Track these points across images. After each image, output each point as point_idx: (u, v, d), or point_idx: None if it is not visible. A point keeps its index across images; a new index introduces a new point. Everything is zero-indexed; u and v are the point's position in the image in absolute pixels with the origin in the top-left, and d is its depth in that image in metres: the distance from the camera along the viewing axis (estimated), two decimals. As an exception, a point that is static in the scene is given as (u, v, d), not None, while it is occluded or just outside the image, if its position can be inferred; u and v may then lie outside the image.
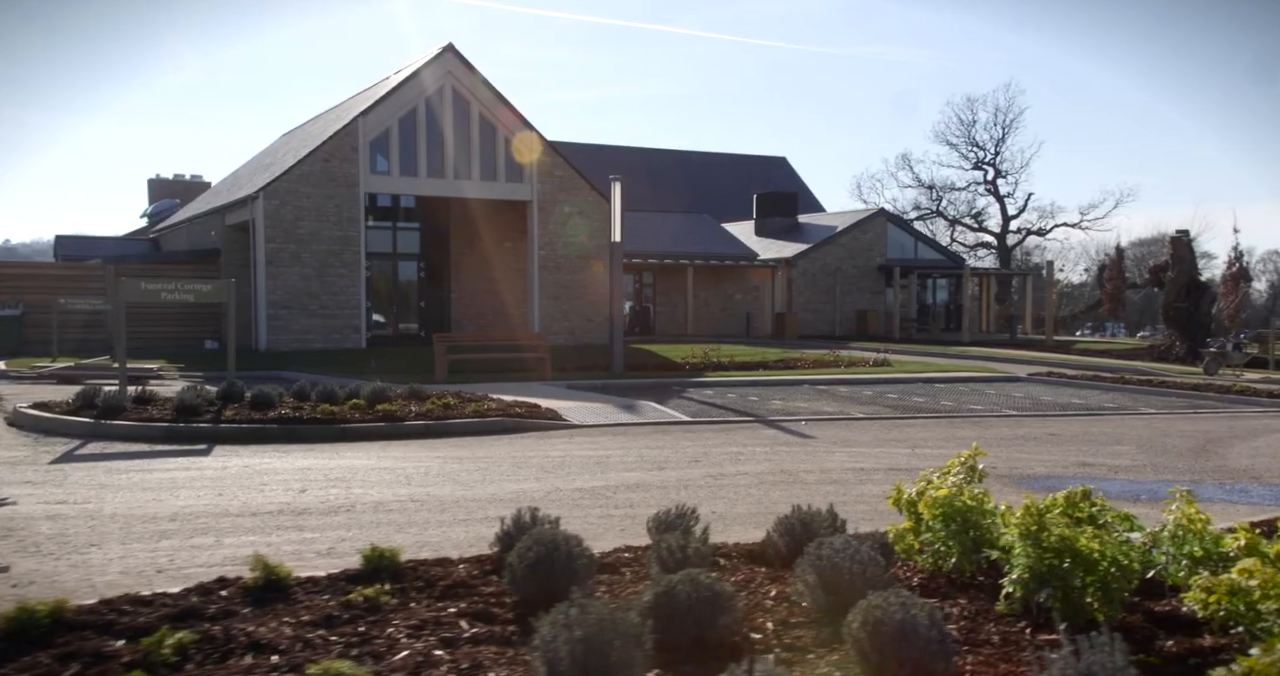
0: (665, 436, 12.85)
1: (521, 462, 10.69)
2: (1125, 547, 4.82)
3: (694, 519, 5.98)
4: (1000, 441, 13.40)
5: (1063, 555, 4.71)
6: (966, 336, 38.99)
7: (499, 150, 30.99)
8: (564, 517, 8.10)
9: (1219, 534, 5.34)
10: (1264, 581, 4.27)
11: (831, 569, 4.62)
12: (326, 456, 10.66)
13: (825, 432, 13.69)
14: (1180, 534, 5.36)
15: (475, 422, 12.72)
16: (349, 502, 8.09)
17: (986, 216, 66.17)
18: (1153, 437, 14.00)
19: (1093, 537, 4.76)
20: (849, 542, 4.76)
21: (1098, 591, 4.68)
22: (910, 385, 20.90)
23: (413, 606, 4.55)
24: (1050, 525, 4.77)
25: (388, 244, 34.64)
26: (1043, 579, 4.74)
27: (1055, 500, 5.93)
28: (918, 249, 44.92)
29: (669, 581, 4.19)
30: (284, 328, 28.44)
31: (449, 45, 30.40)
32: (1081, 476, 11.00)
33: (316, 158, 28.68)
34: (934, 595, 5.19)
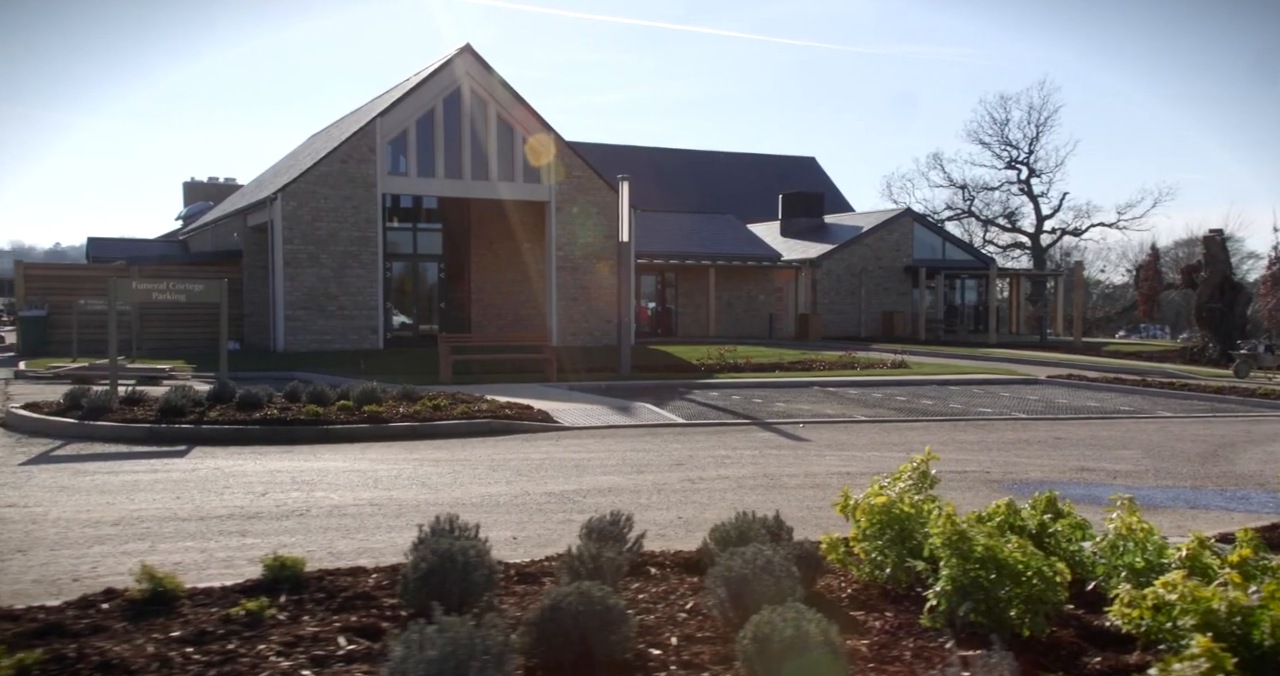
0: (654, 439, 12.63)
1: (499, 465, 10.51)
2: (1052, 559, 4.55)
3: (629, 526, 5.76)
4: (1002, 445, 13.06)
5: (987, 566, 4.45)
6: (993, 338, 38.38)
7: (516, 151, 30.89)
8: (524, 523, 7.98)
9: (1162, 543, 5.06)
10: (1182, 595, 4.00)
11: (738, 581, 4.40)
12: (303, 458, 10.55)
13: (821, 436, 13.40)
14: (1119, 544, 5.07)
15: (462, 424, 12.57)
16: (306, 507, 7.95)
17: (1020, 216, 65.34)
18: (1163, 442, 13.59)
19: (1018, 548, 4.49)
20: (760, 553, 4.53)
21: (1021, 605, 4.41)
22: (922, 387, 20.52)
23: (303, 619, 4.37)
24: (972, 535, 4.50)
25: (409, 245, 34.71)
26: (965, 591, 4.48)
27: (997, 507, 5.68)
28: (945, 249, 44.34)
29: (556, 595, 3.98)
30: (302, 328, 28.51)
31: (466, 46, 30.35)
32: (1078, 482, 10.67)
33: (334, 159, 28.74)
34: (862, 607, 4.95)
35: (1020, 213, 65.21)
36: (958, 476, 10.75)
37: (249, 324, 31.35)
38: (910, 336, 40.11)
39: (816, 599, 5.04)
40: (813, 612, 3.85)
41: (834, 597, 5.10)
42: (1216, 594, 3.99)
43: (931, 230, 45.58)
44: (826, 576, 5.48)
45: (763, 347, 31.03)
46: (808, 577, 5.07)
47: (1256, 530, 7.86)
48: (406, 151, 30.06)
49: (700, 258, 39.20)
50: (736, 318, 40.67)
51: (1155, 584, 4.16)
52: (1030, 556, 4.45)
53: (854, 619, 4.74)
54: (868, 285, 42.30)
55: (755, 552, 4.52)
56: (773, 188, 54.02)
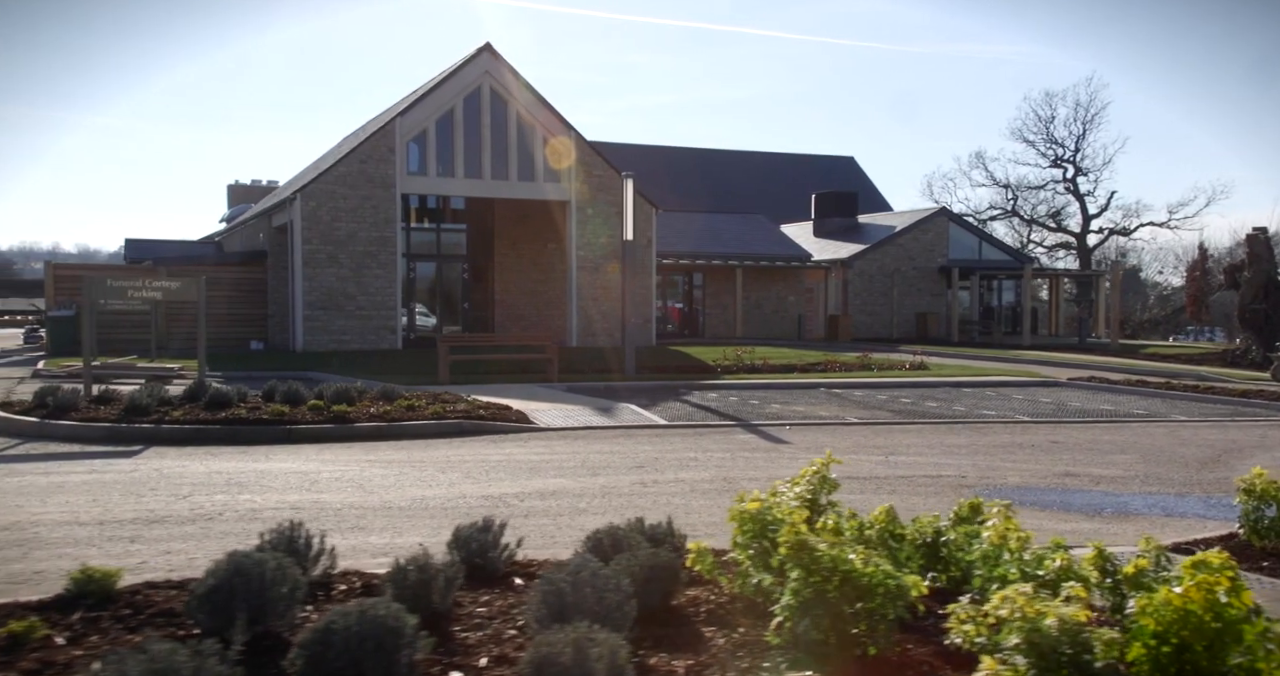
0: (628, 441, 12.29)
1: (452, 467, 10.24)
2: (902, 571, 4.13)
3: (500, 533, 5.44)
4: (991, 449, 12.55)
5: (831, 579, 4.05)
6: (1027, 340, 37.45)
7: (536, 150, 30.68)
8: (441, 528, 7.66)
9: (1042, 553, 4.62)
10: (1011, 612, 3.58)
11: (556, 595, 4.05)
12: (253, 459, 10.35)
13: (804, 438, 12.97)
14: (993, 554, 4.65)
15: (431, 425, 12.32)
16: (221, 511, 7.72)
17: (1066, 216, 63.89)
18: (1166, 447, 12.97)
19: (863, 559, 4.08)
20: (585, 564, 4.17)
21: (865, 621, 4.02)
22: (933, 389, 19.94)
23: (91, 639, 4.08)
24: (815, 545, 4.10)
25: (433, 245, 34.73)
26: (807, 605, 4.09)
27: (877, 515, 5.26)
28: (982, 249, 43.42)
29: (334, 614, 3.64)
30: (320, 328, 28.52)
31: (486, 45, 30.20)
32: (1057, 487, 10.18)
33: (353, 159, 28.73)
34: (717, 622, 4.58)
35: (1066, 212, 63.84)
36: (930, 481, 10.30)
37: (273, 324, 31.46)
38: (944, 338, 39.32)
39: (672, 612, 4.69)
40: (605, 633, 3.49)
41: (692, 611, 4.73)
42: (1051, 610, 3.58)
43: (967, 229, 44.67)
44: (698, 588, 5.11)
45: (786, 349, 30.51)
46: (665, 590, 4.71)
47: (1217, 538, 7.37)
48: (426, 151, 29.98)
49: (727, 258, 38.74)
50: (765, 318, 40.13)
51: (993, 598, 3.75)
52: (875, 568, 4.05)
53: (698, 635, 4.38)
54: (900, 286, 41.54)
55: (580, 564, 4.17)
56: (810, 188, 53.31)
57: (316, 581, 4.86)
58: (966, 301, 43.28)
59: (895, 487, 9.81)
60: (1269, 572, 6.52)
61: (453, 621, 4.40)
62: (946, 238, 42.57)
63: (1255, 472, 6.95)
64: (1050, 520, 8.70)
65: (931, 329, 40.72)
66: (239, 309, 31.59)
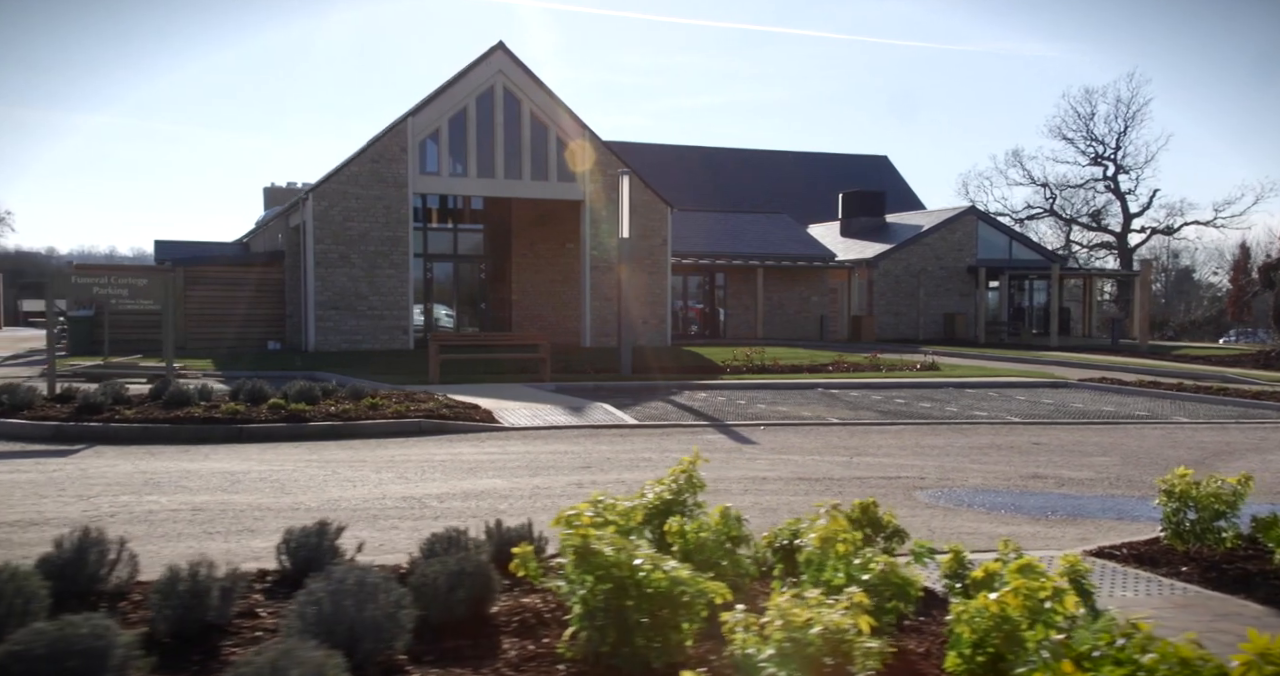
0: (589, 441, 12.02)
1: (391, 466, 10.04)
2: (701, 577, 3.82)
3: (336, 536, 5.19)
4: (965, 450, 12.12)
5: (624, 587, 3.75)
6: (1054, 340, 36.61)
7: (550, 149, 30.50)
8: (348, 529, 7.45)
9: (870, 559, 4.29)
10: (773, 619, 3.27)
11: (314, 605, 3.78)
12: (190, 459, 10.20)
13: (774, 439, 12.62)
14: (817, 558, 4.33)
15: (390, 424, 12.13)
16: (113, 512, 7.56)
17: (1106, 215, 62.51)
18: (1153, 449, 12.46)
19: (651, 563, 3.77)
20: (350, 572, 3.89)
21: (649, 632, 3.72)
22: (933, 390, 19.44)
23: None
24: (598, 549, 3.80)
25: (450, 245, 34.70)
26: (592, 614, 3.80)
27: (713, 517, 4.94)
28: (1012, 249, 42.55)
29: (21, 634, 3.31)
30: (332, 328, 28.56)
31: (499, 43, 30.07)
32: (1017, 489, 9.77)
33: (365, 158, 28.74)
34: (523, 633, 4.30)
35: (1107, 211, 62.49)
36: (884, 482, 9.92)
37: (290, 324, 31.58)
38: (970, 339, 38.59)
39: (482, 622, 4.41)
40: (312, 650, 3.20)
41: (504, 621, 4.45)
42: (822, 618, 3.27)
43: (997, 229, 43.79)
44: (534, 595, 4.82)
45: (802, 350, 30.06)
46: (475, 597, 4.42)
47: (1143, 542, 6.95)
48: (439, 150, 29.93)
49: (749, 257, 38.31)
50: (788, 319, 39.64)
51: (769, 606, 3.44)
52: (664, 574, 3.75)
53: (493, 647, 4.09)
54: (927, 286, 40.83)
55: (346, 572, 3.89)
56: (843, 188, 52.58)
57: (111, 592, 4.63)
58: (995, 302, 42.49)
59: (841, 489, 9.45)
60: (1187, 577, 6.13)
61: (230, 635, 4.14)
62: (975, 237, 41.78)
63: (1178, 473, 6.55)
64: (990, 522, 8.31)
65: (959, 330, 39.98)
66: (258, 309, 31.74)
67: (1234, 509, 6.29)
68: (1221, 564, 6.22)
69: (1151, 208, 61.03)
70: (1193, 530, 6.35)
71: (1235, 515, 6.31)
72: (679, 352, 27.87)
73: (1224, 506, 6.25)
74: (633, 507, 4.81)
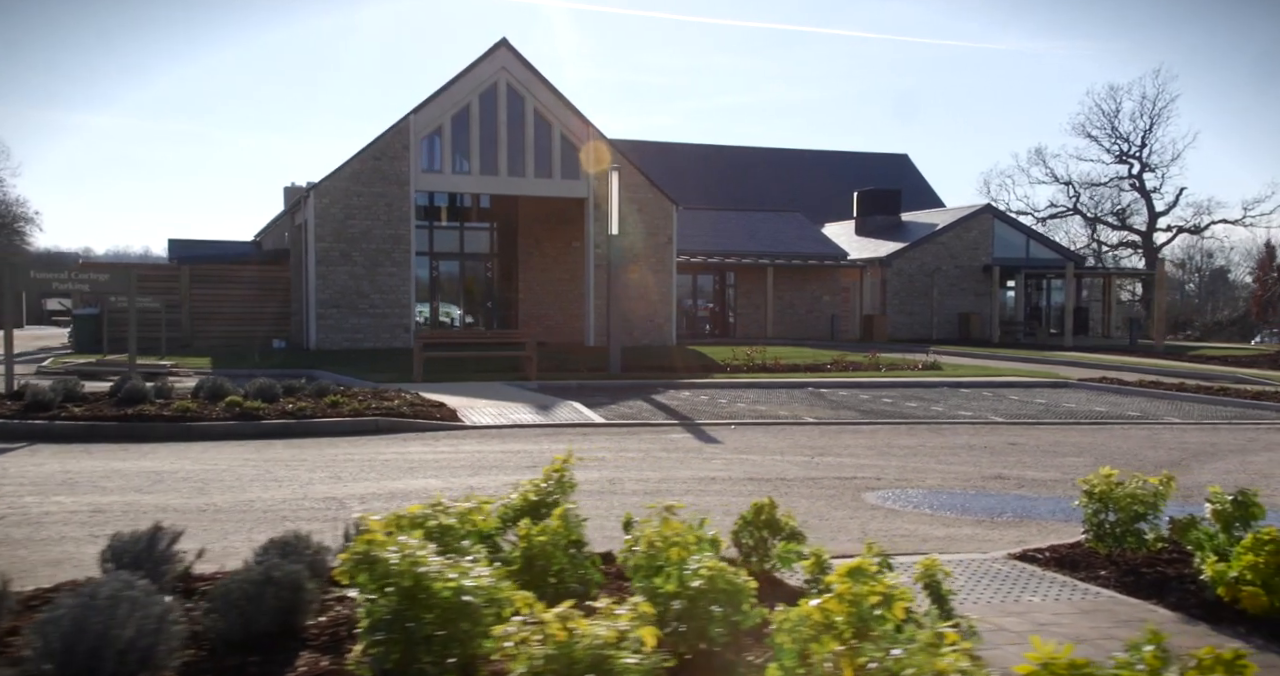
0: (547, 440, 11.78)
1: (329, 465, 9.84)
2: (506, 585, 3.55)
3: (172, 541, 4.93)
4: (935, 450, 11.78)
5: (414, 597, 3.48)
6: (1069, 341, 35.99)
7: (554, 147, 30.30)
8: (237, 533, 7.22)
9: (702, 564, 4.00)
10: (532, 634, 3.01)
11: (53, 623, 3.50)
12: (125, 458, 10.01)
13: (741, 439, 12.33)
14: (646, 564, 4.06)
15: (345, 422, 11.95)
16: (5, 514, 7.37)
17: (1131, 214, 61.54)
18: (1133, 450, 12.06)
19: (441, 572, 3.50)
20: (106, 584, 3.61)
21: (439, 648, 3.45)
22: (925, 390, 19.05)
23: None
24: (382, 556, 3.54)
25: (455, 243, 34.58)
26: (376, 628, 3.54)
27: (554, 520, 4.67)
28: (1029, 248, 41.89)
29: None
30: (334, 326, 28.49)
31: (503, 40, 29.89)
32: (973, 490, 9.48)
33: (366, 156, 28.64)
34: (325, 649, 4.01)
35: (1132, 210, 61.51)
36: (838, 483, 9.62)
37: (295, 322, 31.58)
38: (985, 339, 38.02)
39: (291, 636, 4.10)
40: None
41: (315, 634, 4.17)
42: (592, 630, 3.01)
43: (1014, 227, 43.15)
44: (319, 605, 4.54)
45: (807, 349, 29.70)
46: (285, 608, 4.11)
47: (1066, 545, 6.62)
48: (441, 148, 29.78)
49: (759, 256, 37.95)
50: (799, 319, 39.23)
51: (545, 618, 3.17)
52: (450, 583, 3.48)
53: (284, 665, 3.82)
54: (941, 285, 40.28)
55: (100, 585, 3.61)
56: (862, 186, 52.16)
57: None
58: (1012, 302, 41.87)
59: (789, 489, 9.16)
60: (1103, 581, 5.83)
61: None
62: (991, 235, 41.17)
63: (1104, 472, 6.21)
64: (931, 525, 8.01)
65: (974, 330, 39.41)
66: (264, 307, 31.73)
67: (1155, 510, 5.97)
68: (1141, 567, 5.90)
69: (1178, 206, 60.00)
70: (1112, 532, 6.03)
71: (1157, 517, 5.99)
72: (681, 352, 27.60)
73: (1143, 508, 5.93)
74: (471, 509, 4.56)
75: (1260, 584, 4.93)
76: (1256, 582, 4.95)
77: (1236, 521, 5.58)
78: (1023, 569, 6.22)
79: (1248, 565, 4.98)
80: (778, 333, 37.66)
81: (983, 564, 6.35)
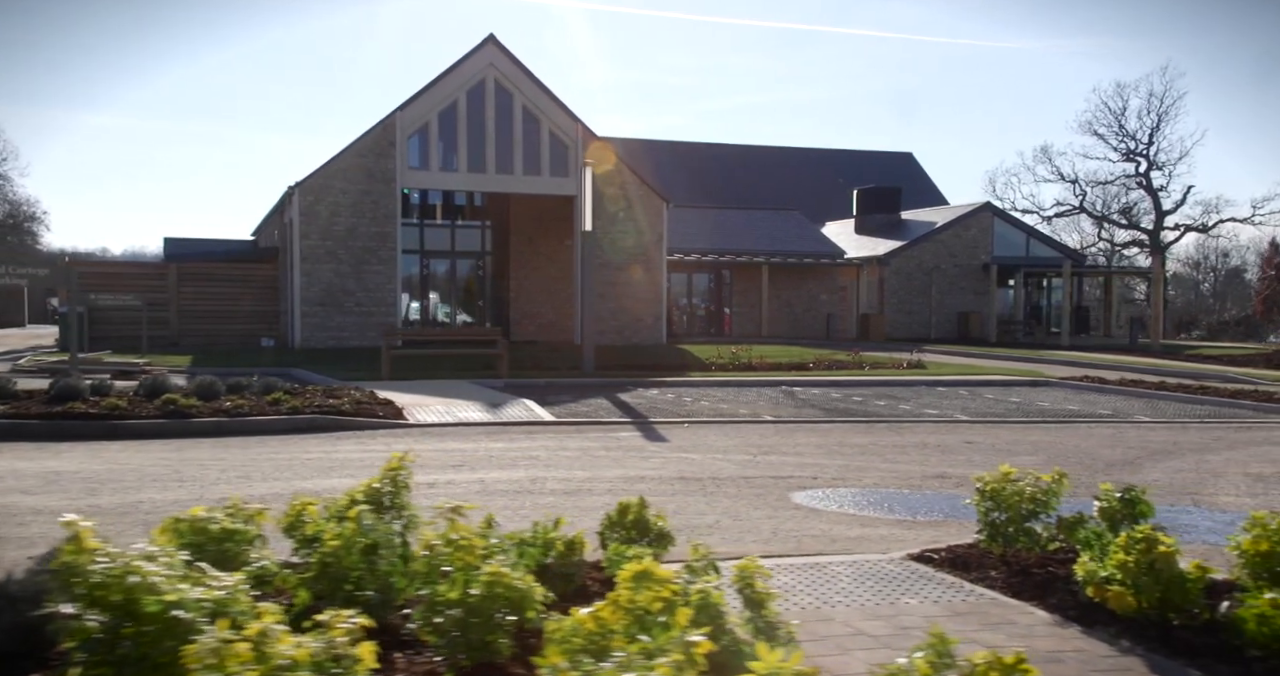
0: (487, 438, 11.55)
1: (243, 466, 9.61)
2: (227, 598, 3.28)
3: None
4: (885, 449, 11.49)
5: (127, 612, 3.17)
6: (1066, 340, 35.54)
7: (543, 144, 30.06)
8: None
9: (491, 569, 3.73)
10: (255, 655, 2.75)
11: None
12: (33, 457, 9.73)
13: (689, 437, 12.05)
14: (426, 570, 3.81)
15: (282, 421, 11.73)
16: None
17: (1138, 213, 60.88)
18: (1091, 448, 11.74)
19: (171, 580, 3.22)
20: None
21: (142, 669, 3.16)
22: (900, 388, 18.73)
23: None
24: (85, 566, 3.23)
25: (447, 242, 34.35)
26: (86, 647, 3.24)
27: (351, 521, 4.40)
28: (1029, 246, 41.43)
29: None
30: (319, 324, 28.32)
31: (490, 36, 29.70)
32: (910, 488, 9.22)
33: (352, 153, 28.47)
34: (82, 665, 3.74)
35: (1141, 209, 60.86)
36: (772, 482, 9.35)
37: (283, 320, 31.45)
38: (983, 338, 37.59)
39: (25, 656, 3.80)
40: None
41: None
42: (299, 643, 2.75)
43: (1014, 225, 42.68)
44: None
45: (798, 348, 29.35)
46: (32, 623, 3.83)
47: (964, 545, 6.33)
48: (428, 145, 29.59)
49: (755, 255, 37.63)
50: (795, 317, 38.88)
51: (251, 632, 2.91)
52: (158, 598, 3.20)
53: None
54: (939, 284, 39.86)
55: None
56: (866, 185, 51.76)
57: None
58: (1012, 301, 41.42)
59: (718, 488, 8.92)
60: (991, 582, 5.58)
61: None
62: (991, 234, 40.73)
63: (1002, 470, 5.92)
64: (848, 525, 7.74)
65: (974, 329, 38.98)
66: (253, 305, 31.59)
67: (1047, 509, 5.69)
68: (1033, 568, 5.62)
69: (1186, 204, 59.33)
70: (1005, 531, 5.74)
71: (1049, 515, 5.71)
72: (667, 350, 27.36)
73: (1033, 506, 5.65)
74: (257, 512, 4.32)
75: (1130, 584, 4.65)
76: (1126, 582, 4.67)
77: (1124, 519, 5.30)
78: (915, 570, 5.95)
79: (1118, 564, 4.70)
80: (774, 332, 37.33)
81: (876, 565, 6.08)
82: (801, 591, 5.44)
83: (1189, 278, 69.14)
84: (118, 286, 29.83)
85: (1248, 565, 4.64)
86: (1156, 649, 4.53)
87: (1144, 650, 4.53)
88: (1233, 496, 8.95)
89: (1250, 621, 4.14)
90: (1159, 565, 4.62)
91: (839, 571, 5.90)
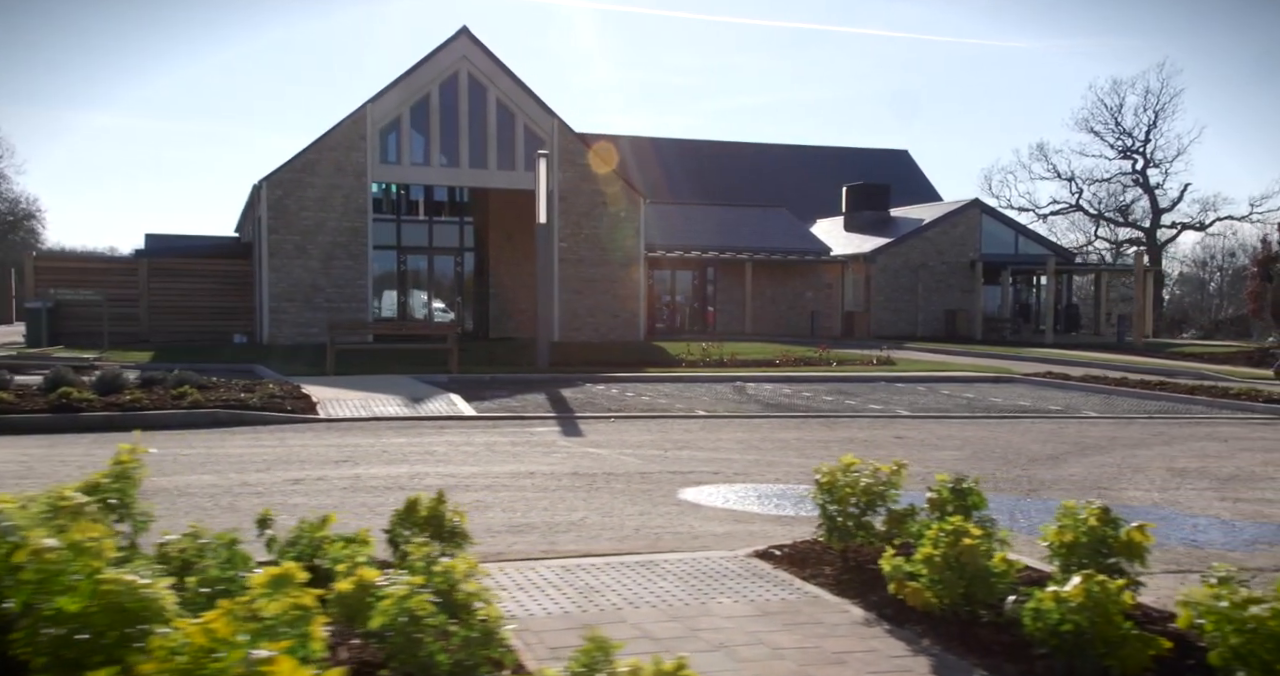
0: (393, 434, 11.19)
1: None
2: None
3: None
4: (809, 444, 11.11)
5: None
6: (1049, 338, 35.07)
7: (517, 138, 29.69)
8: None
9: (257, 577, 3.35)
10: None
11: None
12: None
13: (608, 433, 11.68)
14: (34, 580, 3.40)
15: (180, 415, 11.38)
16: None
17: (1135, 211, 60.30)
18: (1021, 444, 11.35)
19: None
20: None
21: None
22: (857, 384, 18.34)
23: None
24: None
25: (424, 237, 33.97)
26: None
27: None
28: (1019, 243, 40.91)
29: None
30: (287, 320, 27.99)
31: (463, 28, 29.39)
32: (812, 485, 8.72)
33: (322, 146, 28.13)
34: None
35: (1136, 206, 60.26)
36: (670, 478, 8.97)
37: (254, 316, 31.15)
38: (969, 336, 37.12)
39: None
40: None
41: None
42: None
43: (1002, 222, 42.16)
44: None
45: (774, 345, 28.90)
46: None
47: (805, 541, 5.97)
48: (400, 139, 29.23)
49: (739, 251, 37.20)
50: (780, 315, 38.46)
51: None
52: None
53: None
54: (926, 281, 39.38)
55: None
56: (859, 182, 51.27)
57: None
58: (1000, 298, 40.90)
59: (607, 484, 8.59)
60: (820, 579, 5.29)
61: None
62: (979, 231, 40.24)
63: (843, 461, 5.54)
64: (722, 522, 7.39)
65: (961, 327, 38.48)
66: (224, 301, 31.33)
67: (885, 501, 5.31)
68: (868, 564, 5.27)
69: (1183, 202, 58.75)
70: (842, 526, 5.37)
71: (889, 507, 5.33)
72: (638, 347, 26.98)
73: (868, 498, 5.27)
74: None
75: (935, 579, 4.27)
76: (932, 577, 4.28)
77: (956, 511, 4.92)
78: (753, 567, 5.61)
79: (924, 558, 4.33)
80: (757, 329, 36.92)
81: (714, 563, 5.72)
82: (612, 591, 5.09)
83: (1195, 277, 68.48)
84: (87, 282, 29.58)
85: (1056, 556, 4.28)
86: (954, 648, 4.16)
87: (940, 649, 4.17)
88: (1143, 491, 8.55)
89: (1027, 616, 3.78)
90: (964, 558, 4.26)
91: (668, 569, 5.54)
